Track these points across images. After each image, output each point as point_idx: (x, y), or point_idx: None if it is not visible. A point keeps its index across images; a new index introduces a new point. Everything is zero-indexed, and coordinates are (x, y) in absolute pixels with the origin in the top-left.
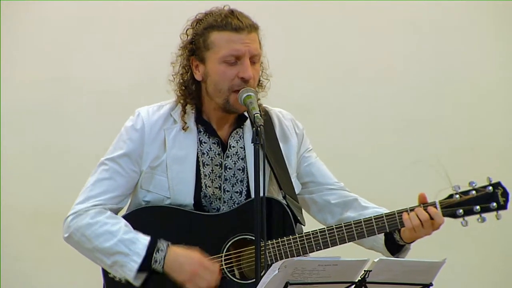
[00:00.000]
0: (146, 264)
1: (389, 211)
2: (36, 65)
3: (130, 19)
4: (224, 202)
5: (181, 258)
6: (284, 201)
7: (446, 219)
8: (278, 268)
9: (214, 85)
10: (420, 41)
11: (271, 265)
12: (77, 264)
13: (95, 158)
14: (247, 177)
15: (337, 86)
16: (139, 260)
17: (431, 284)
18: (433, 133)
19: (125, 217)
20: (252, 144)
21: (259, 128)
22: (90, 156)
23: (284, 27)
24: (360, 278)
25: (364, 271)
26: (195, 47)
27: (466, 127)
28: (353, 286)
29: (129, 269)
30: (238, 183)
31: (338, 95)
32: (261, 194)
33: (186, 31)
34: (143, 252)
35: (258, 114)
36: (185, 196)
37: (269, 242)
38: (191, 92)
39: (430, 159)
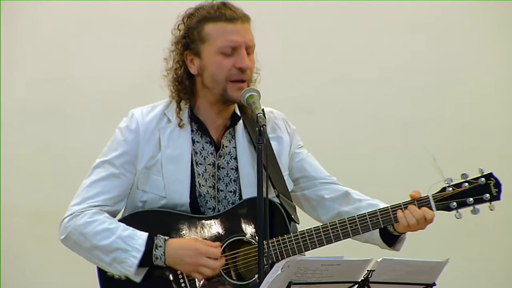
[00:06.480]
0: (146, 260)
1: (383, 207)
2: (36, 65)
3: (130, 19)
4: (219, 201)
5: (180, 251)
6: (277, 200)
7: (444, 214)
8: (281, 268)
9: (211, 77)
10: (420, 41)
11: (268, 264)
12: (76, 263)
13: (95, 158)
14: (239, 177)
15: (337, 86)
16: (138, 255)
17: (434, 284)
18: (433, 133)
19: (120, 221)
20: (256, 143)
21: (262, 128)
22: (90, 156)
23: (283, 27)
24: (363, 278)
25: (367, 270)
26: (189, 41)
27: (466, 127)
28: (356, 286)
29: (129, 265)
30: (231, 182)
31: (338, 95)
32: (263, 194)
33: (178, 26)
34: (142, 248)
35: (261, 114)
36: (181, 195)
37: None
38: (185, 87)
39: (429, 157)
